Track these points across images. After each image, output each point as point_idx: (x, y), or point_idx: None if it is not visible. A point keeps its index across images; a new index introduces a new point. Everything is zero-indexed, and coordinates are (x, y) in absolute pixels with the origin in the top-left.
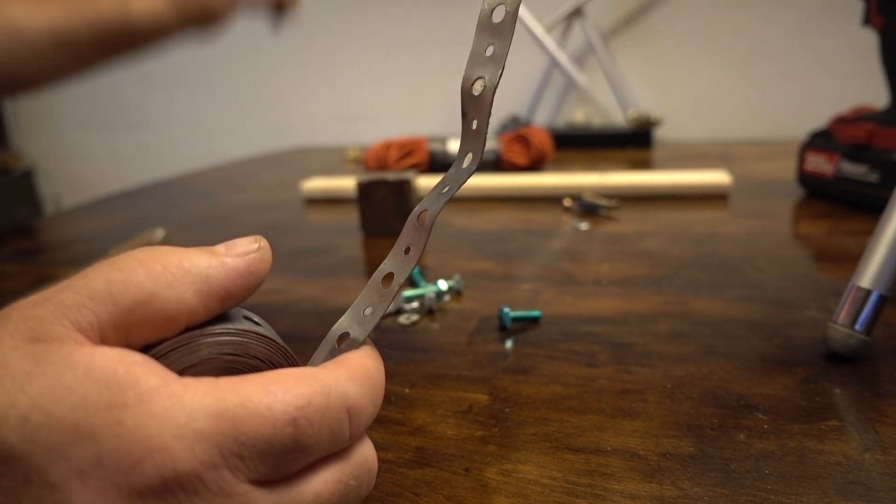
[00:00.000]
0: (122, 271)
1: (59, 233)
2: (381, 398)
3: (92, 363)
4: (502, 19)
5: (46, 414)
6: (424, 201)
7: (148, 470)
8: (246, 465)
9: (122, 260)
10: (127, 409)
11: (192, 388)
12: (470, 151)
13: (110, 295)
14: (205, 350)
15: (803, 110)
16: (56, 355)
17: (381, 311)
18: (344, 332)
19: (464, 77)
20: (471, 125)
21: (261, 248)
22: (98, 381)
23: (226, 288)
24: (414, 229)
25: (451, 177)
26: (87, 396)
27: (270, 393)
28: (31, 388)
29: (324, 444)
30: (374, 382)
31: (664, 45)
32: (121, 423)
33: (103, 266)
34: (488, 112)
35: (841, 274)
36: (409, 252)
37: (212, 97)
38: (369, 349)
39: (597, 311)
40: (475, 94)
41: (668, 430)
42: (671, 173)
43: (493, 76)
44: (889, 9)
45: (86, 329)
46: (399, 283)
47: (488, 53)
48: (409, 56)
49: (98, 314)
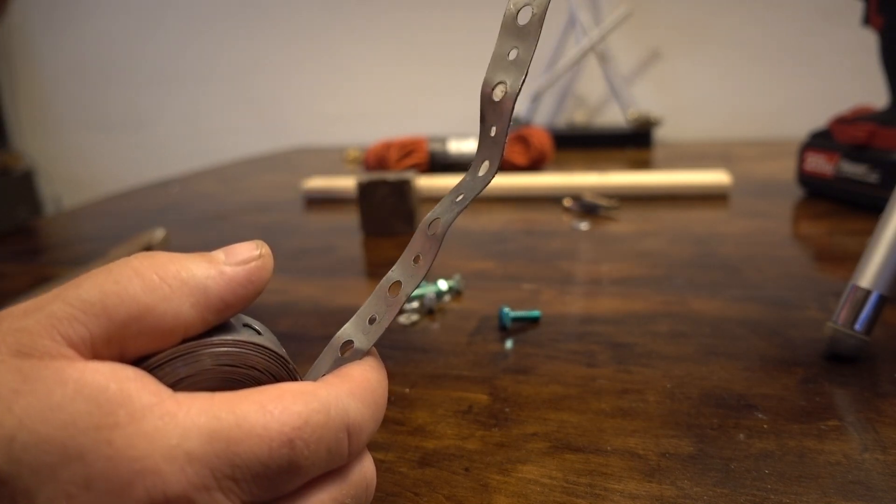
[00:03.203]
0: (117, 283)
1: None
2: (383, 413)
3: (83, 380)
4: (528, 22)
5: (34, 434)
6: (437, 209)
7: (138, 493)
8: (239, 486)
9: (117, 269)
10: (117, 428)
11: (185, 406)
12: (487, 159)
13: (104, 308)
14: (203, 361)
15: (803, 110)
16: (45, 371)
17: (388, 320)
18: (348, 339)
19: (484, 80)
20: (489, 132)
21: (262, 255)
22: (89, 398)
23: (224, 300)
24: (425, 238)
25: (466, 185)
26: (76, 415)
27: (267, 412)
28: (18, 407)
29: (321, 464)
30: (376, 397)
31: (664, 45)
32: (111, 443)
33: (98, 275)
34: (508, 119)
35: (841, 274)
36: (418, 261)
37: (212, 97)
38: (373, 360)
39: (597, 311)
40: (495, 100)
41: (668, 430)
42: (671, 173)
43: (516, 82)
44: (889, 9)
45: (77, 344)
46: (407, 292)
47: (511, 57)
48: (409, 56)
49: (90, 328)
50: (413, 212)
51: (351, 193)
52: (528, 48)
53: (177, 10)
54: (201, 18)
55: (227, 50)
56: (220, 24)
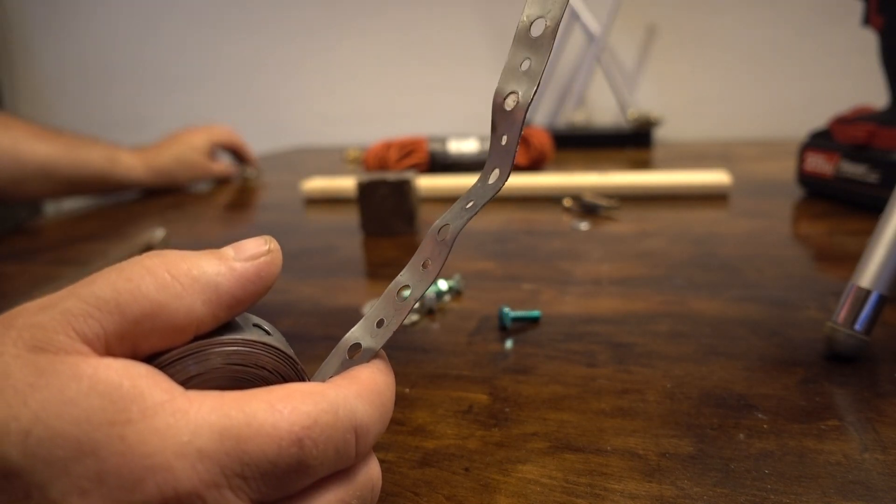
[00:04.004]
0: (129, 280)
1: (59, 233)
2: (390, 415)
3: (97, 376)
4: (541, 34)
5: (49, 428)
6: (447, 215)
7: (149, 489)
8: (248, 485)
9: (129, 267)
10: (130, 424)
11: (197, 404)
12: (497, 167)
13: (118, 305)
14: (213, 360)
15: (803, 110)
16: (60, 366)
17: (396, 324)
18: (356, 342)
19: (496, 90)
20: (500, 140)
21: (271, 250)
22: (102, 394)
23: (235, 296)
24: (434, 243)
25: (476, 191)
26: (90, 411)
27: (276, 411)
28: (33, 401)
29: (329, 464)
30: (384, 399)
31: (664, 45)
32: (123, 439)
33: (110, 273)
34: (520, 129)
35: (841, 274)
36: (427, 266)
37: (212, 97)
38: (381, 363)
39: (597, 311)
40: (507, 109)
41: (668, 430)
42: (671, 173)
43: (528, 92)
44: (889, 9)
45: (91, 340)
46: (415, 297)
47: (524, 68)
48: (410, 56)
49: (104, 325)
50: (413, 212)
51: (351, 193)
52: (541, 59)
53: (177, 10)
54: (201, 18)
55: (227, 50)
56: (221, 25)
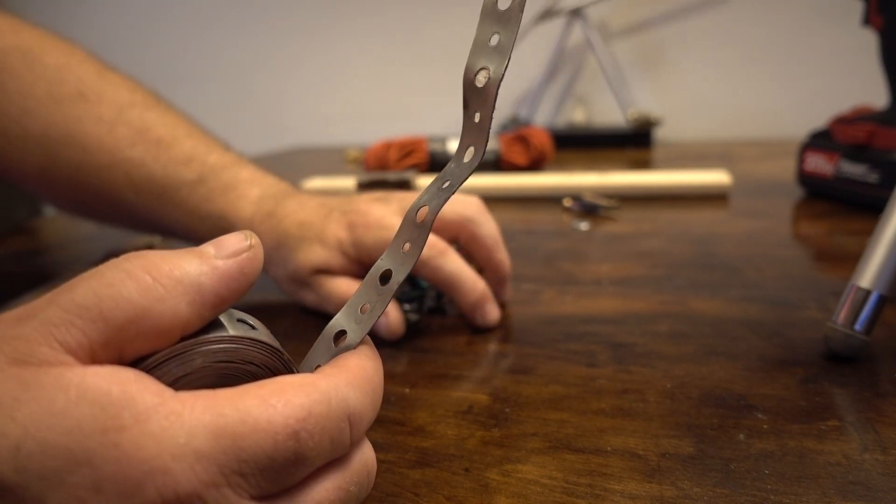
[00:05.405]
0: (111, 286)
1: (59, 233)
2: (381, 400)
3: (84, 384)
4: (509, 6)
5: (39, 441)
6: (424, 196)
7: (149, 493)
8: (247, 481)
9: (109, 272)
10: (124, 431)
11: (189, 405)
12: (472, 145)
13: (100, 312)
14: (198, 360)
15: (803, 110)
16: (45, 378)
17: (380, 309)
18: (340, 329)
19: (466, 66)
20: (473, 118)
21: (252, 245)
22: (92, 402)
23: (219, 294)
24: (413, 226)
25: (451, 171)
26: (81, 420)
27: (270, 406)
28: (21, 415)
29: (325, 454)
30: (374, 385)
31: (664, 45)
32: (118, 446)
33: (90, 279)
34: (492, 105)
35: (841, 274)
36: (407, 248)
37: (212, 97)
38: (367, 349)
39: (597, 311)
40: (478, 86)
41: (668, 430)
42: (671, 173)
43: (498, 68)
44: (889, 9)
45: (75, 350)
46: (398, 280)
47: (493, 43)
48: (409, 56)
49: (88, 333)
50: None
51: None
52: (510, 33)
53: (177, 10)
54: (201, 19)
55: (227, 50)
56: (220, 25)
